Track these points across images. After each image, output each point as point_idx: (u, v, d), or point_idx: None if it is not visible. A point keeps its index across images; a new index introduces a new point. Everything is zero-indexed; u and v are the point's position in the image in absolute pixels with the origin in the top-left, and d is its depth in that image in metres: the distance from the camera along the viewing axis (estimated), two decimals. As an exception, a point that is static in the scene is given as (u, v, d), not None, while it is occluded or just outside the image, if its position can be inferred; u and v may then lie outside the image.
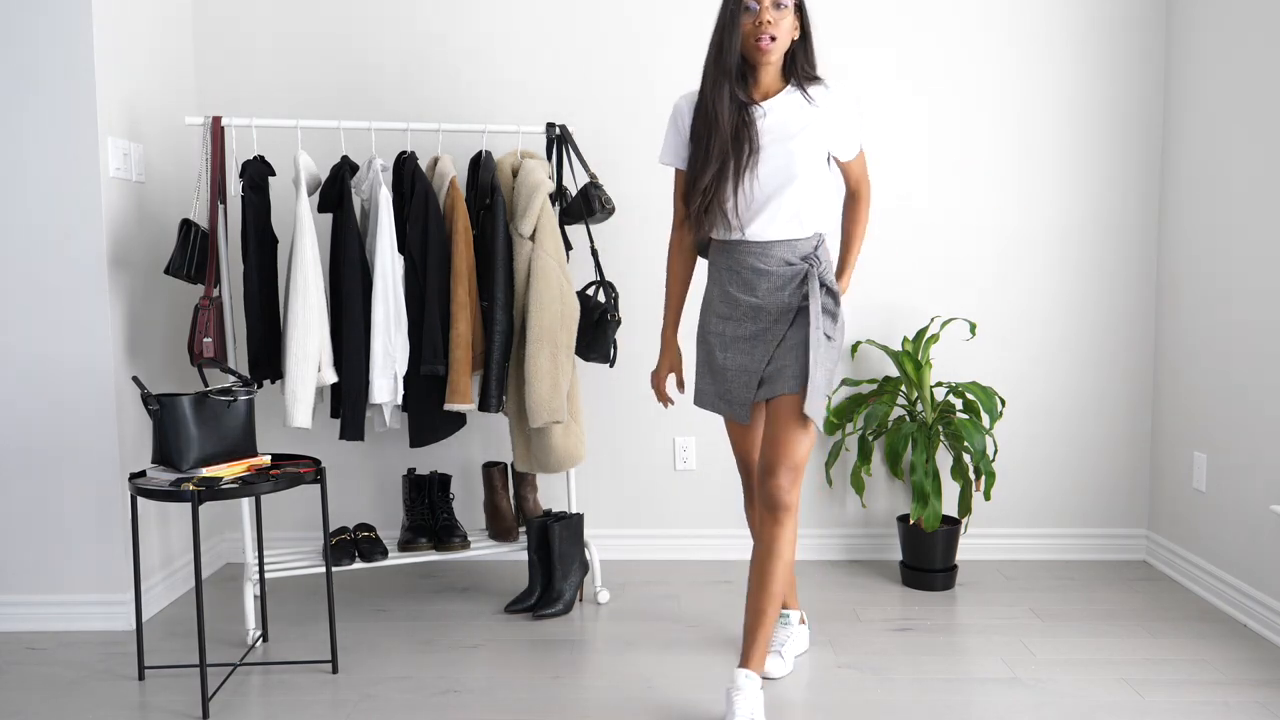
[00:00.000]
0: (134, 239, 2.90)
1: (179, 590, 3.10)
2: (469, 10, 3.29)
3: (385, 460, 3.40)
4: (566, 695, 2.41)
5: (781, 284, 2.25)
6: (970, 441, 3.01)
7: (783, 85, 2.24)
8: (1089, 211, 3.33)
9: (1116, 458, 3.40)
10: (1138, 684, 2.44)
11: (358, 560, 2.89)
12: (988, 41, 3.29)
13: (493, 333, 2.83)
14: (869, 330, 3.35)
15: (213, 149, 2.72)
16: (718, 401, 2.38)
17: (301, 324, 2.66)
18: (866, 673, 2.52)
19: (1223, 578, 2.94)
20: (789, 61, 2.23)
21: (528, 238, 2.83)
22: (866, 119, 3.25)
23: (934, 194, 3.34)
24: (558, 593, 2.93)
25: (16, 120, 2.70)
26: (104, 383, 2.76)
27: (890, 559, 3.40)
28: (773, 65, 2.20)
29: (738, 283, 2.28)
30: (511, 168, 2.91)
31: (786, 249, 2.25)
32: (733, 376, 2.32)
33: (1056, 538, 3.42)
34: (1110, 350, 3.37)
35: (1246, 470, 2.84)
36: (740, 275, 2.28)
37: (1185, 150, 3.16)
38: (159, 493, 2.29)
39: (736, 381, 2.32)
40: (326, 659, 2.59)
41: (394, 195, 2.81)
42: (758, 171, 2.20)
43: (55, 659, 2.63)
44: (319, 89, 3.29)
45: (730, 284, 2.29)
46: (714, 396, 2.38)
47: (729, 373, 2.32)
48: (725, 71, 2.17)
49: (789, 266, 2.25)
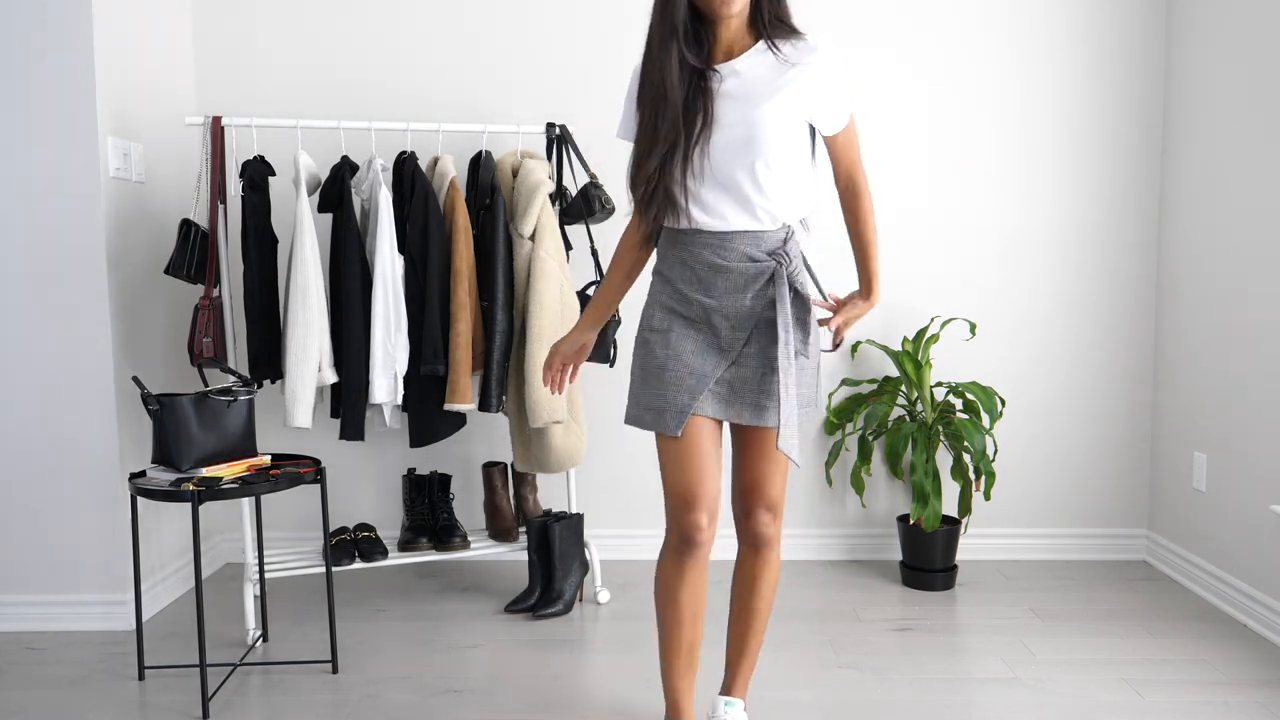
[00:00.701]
0: (134, 239, 2.90)
1: (179, 590, 3.10)
2: (469, 10, 3.29)
3: (385, 460, 3.40)
4: (566, 695, 2.41)
5: (742, 284, 1.86)
6: (970, 441, 3.01)
7: (751, 42, 1.84)
8: (1089, 211, 3.33)
9: (1116, 458, 3.40)
10: (1138, 684, 2.44)
11: (358, 560, 2.89)
12: (988, 41, 3.29)
13: (493, 333, 2.83)
14: (869, 330, 3.35)
15: (213, 149, 2.72)
16: (645, 413, 1.93)
17: (301, 324, 2.66)
18: (866, 673, 2.52)
19: (1223, 578, 2.94)
20: (755, 11, 1.84)
21: (528, 238, 2.83)
22: (865, 116, 3.24)
23: (934, 194, 3.34)
24: (558, 593, 2.93)
25: (16, 120, 2.70)
26: (104, 383, 2.76)
27: (890, 559, 3.40)
28: (735, 19, 1.82)
29: (691, 280, 1.89)
30: (511, 168, 2.91)
31: (749, 241, 1.86)
32: (670, 378, 1.89)
33: (1056, 538, 3.42)
34: (1110, 350, 3.37)
35: (1246, 470, 2.84)
36: (694, 271, 1.89)
37: (1185, 150, 3.16)
38: (159, 493, 2.29)
39: (673, 384, 1.89)
40: (326, 659, 2.59)
41: (394, 195, 2.81)
42: (712, 145, 1.81)
43: (55, 659, 2.63)
44: (319, 89, 3.29)
45: (681, 281, 1.91)
46: (643, 408, 1.93)
47: (665, 373, 1.90)
48: (672, 30, 1.80)
49: (752, 263, 1.86)
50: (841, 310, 2.02)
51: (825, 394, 3.35)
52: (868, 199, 1.98)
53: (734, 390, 1.90)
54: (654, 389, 1.91)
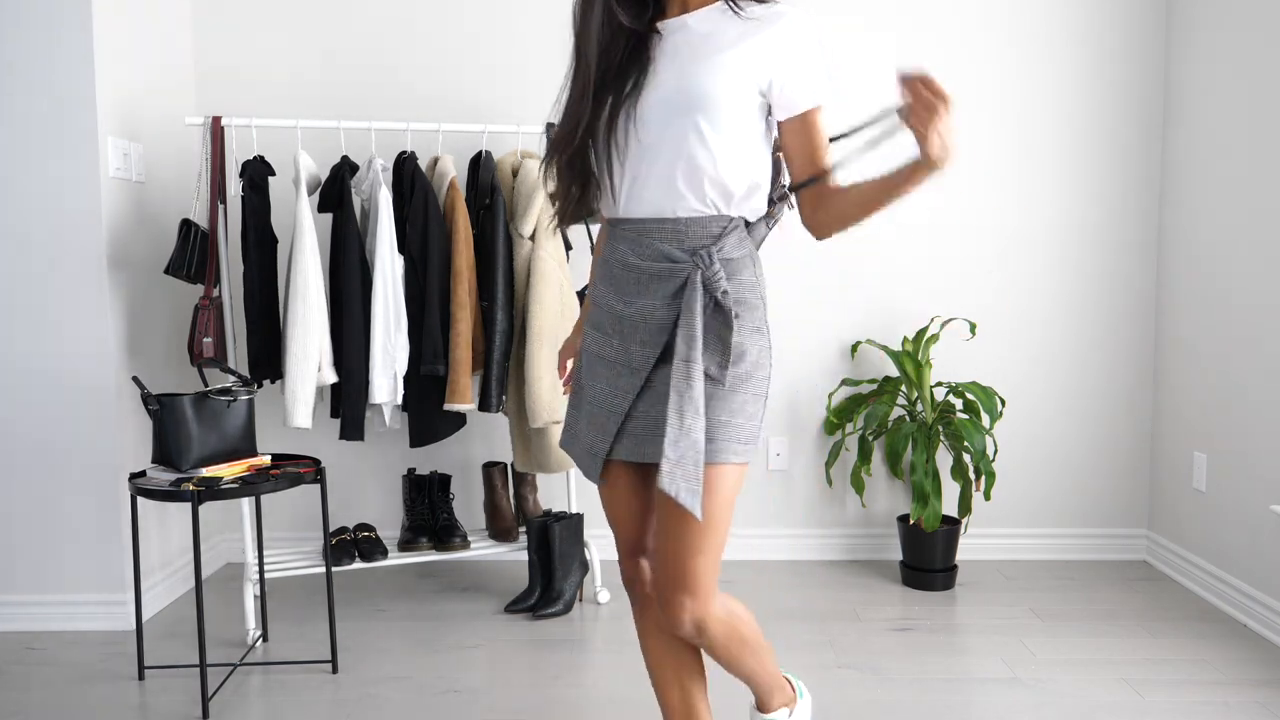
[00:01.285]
0: (134, 239, 2.90)
1: (179, 590, 3.10)
2: (469, 10, 3.29)
3: (385, 460, 3.40)
4: (566, 695, 2.41)
5: (652, 286, 1.54)
6: (970, 441, 3.01)
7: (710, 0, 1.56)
8: (1089, 211, 3.33)
9: (1116, 458, 3.40)
10: (1138, 684, 2.44)
11: (358, 560, 2.89)
12: (988, 41, 3.29)
13: (493, 332, 2.83)
14: (869, 330, 3.35)
15: (213, 149, 2.72)
16: (571, 447, 1.68)
17: (301, 324, 2.66)
18: (866, 673, 2.52)
19: (1223, 578, 2.94)
20: None
21: (528, 238, 2.83)
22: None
23: (934, 194, 3.34)
24: (558, 593, 2.93)
25: (17, 120, 2.70)
26: (104, 383, 2.76)
27: (890, 559, 3.40)
28: None
29: (607, 280, 1.61)
30: (511, 168, 2.91)
31: (668, 234, 1.54)
32: (588, 412, 1.63)
33: (1056, 538, 3.42)
34: (1110, 350, 3.37)
35: (1246, 470, 2.84)
36: (610, 271, 1.60)
37: (1185, 150, 3.16)
38: (159, 493, 2.29)
39: (591, 420, 1.62)
40: (326, 659, 2.59)
41: (394, 195, 2.82)
42: (641, 104, 1.50)
43: (55, 659, 2.63)
44: (319, 89, 3.29)
45: (602, 283, 1.62)
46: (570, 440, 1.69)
47: (584, 406, 1.65)
48: None
49: (668, 264, 1.54)
50: None
51: (815, 383, 3.36)
52: None
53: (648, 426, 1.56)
54: (571, 423, 1.68)
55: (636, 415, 1.57)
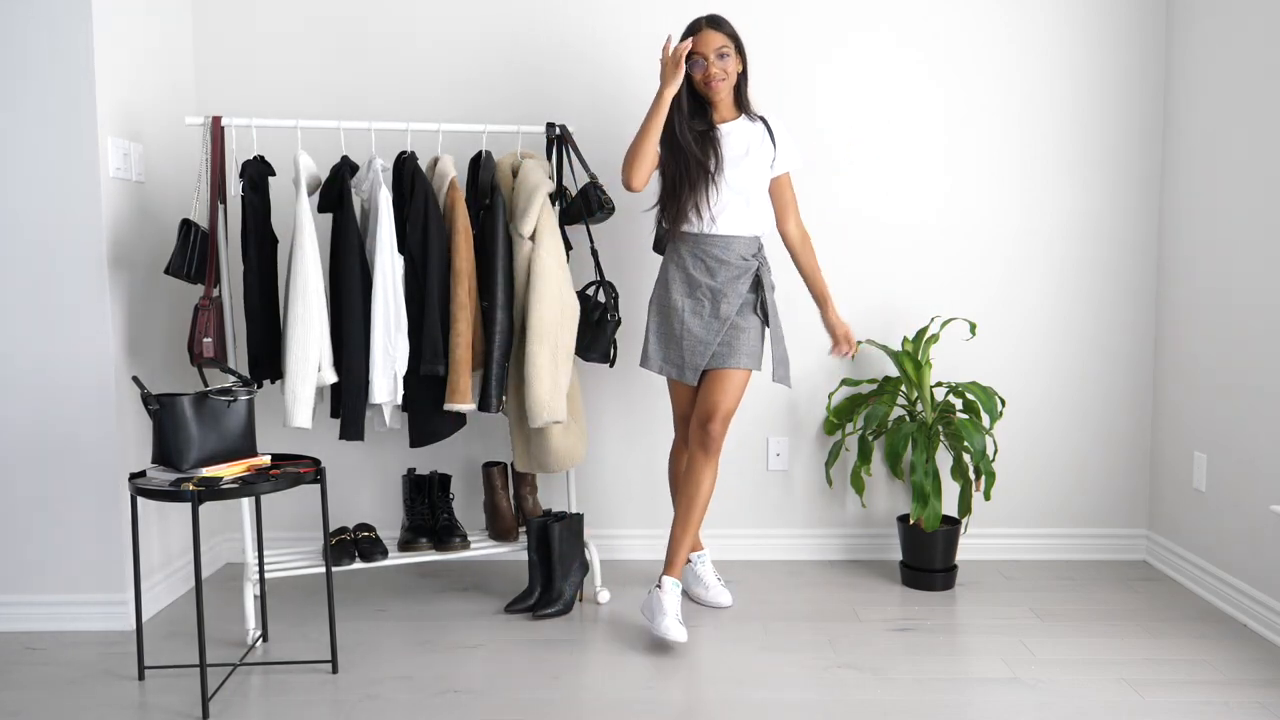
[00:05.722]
0: (134, 239, 2.90)
1: (179, 590, 3.10)
2: (469, 10, 3.29)
3: (385, 460, 3.40)
4: (566, 695, 2.41)
5: (738, 274, 2.76)
6: (970, 441, 3.01)
7: (737, 114, 2.81)
8: (1089, 212, 3.34)
9: (1116, 458, 3.40)
10: (1138, 684, 2.44)
11: (358, 560, 2.89)
12: (988, 41, 3.29)
13: (493, 333, 2.83)
14: (869, 330, 3.35)
15: (213, 149, 2.72)
16: (666, 366, 2.82)
17: (301, 324, 2.66)
18: (866, 673, 2.52)
19: (1223, 578, 2.94)
20: (736, 96, 2.80)
21: (528, 238, 2.83)
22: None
23: (934, 194, 3.34)
24: (558, 593, 2.93)
25: (16, 120, 2.70)
26: (104, 383, 2.76)
27: (890, 559, 3.40)
28: (723, 101, 2.78)
29: (701, 268, 2.77)
30: (511, 168, 2.91)
31: (743, 244, 2.77)
32: (689, 346, 2.77)
33: (1056, 538, 3.42)
34: (1110, 351, 3.37)
35: (1246, 470, 2.84)
36: (704, 262, 2.77)
37: (1186, 150, 3.16)
38: (159, 493, 2.29)
39: (692, 350, 2.77)
40: (326, 659, 2.59)
41: (394, 195, 2.81)
42: (725, 177, 2.73)
43: (55, 659, 2.63)
44: (319, 89, 3.29)
45: (694, 269, 2.77)
46: (663, 361, 2.83)
47: (685, 342, 2.77)
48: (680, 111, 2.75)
49: (743, 261, 2.77)
50: (834, 333, 2.96)
51: (815, 383, 3.37)
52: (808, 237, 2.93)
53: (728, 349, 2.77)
54: (674, 351, 2.80)
55: (721, 343, 2.77)
